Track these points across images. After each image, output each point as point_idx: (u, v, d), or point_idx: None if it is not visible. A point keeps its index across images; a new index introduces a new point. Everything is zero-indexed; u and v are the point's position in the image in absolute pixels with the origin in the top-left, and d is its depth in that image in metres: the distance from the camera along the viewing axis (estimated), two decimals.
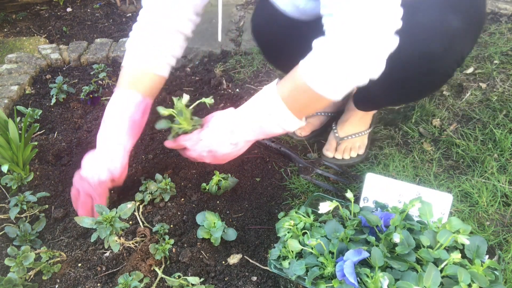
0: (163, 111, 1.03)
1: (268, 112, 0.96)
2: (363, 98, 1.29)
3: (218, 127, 1.03)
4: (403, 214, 0.93)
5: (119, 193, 1.26)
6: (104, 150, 1.11)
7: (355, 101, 1.32)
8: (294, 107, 0.93)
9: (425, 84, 1.12)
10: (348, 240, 0.90)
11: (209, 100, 1.07)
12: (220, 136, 1.02)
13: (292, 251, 0.91)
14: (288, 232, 0.96)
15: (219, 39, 1.19)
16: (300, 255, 0.92)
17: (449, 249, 0.87)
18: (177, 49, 1.17)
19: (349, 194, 0.95)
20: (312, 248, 0.88)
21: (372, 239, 0.87)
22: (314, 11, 1.08)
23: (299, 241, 0.92)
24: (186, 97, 1.05)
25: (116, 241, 0.98)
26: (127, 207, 0.98)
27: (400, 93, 1.19)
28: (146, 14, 1.12)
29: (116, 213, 0.97)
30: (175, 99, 1.05)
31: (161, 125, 1.05)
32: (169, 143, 1.09)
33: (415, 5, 0.97)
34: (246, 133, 1.01)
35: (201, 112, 1.62)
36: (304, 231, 0.95)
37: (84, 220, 0.97)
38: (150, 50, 1.12)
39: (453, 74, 1.12)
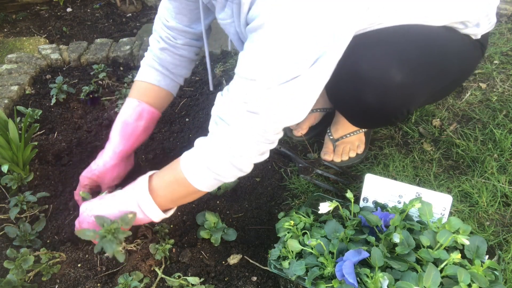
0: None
1: (133, 195, 0.98)
2: None
3: (94, 199, 1.05)
4: (403, 214, 0.93)
5: None
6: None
7: None
8: (169, 197, 0.98)
9: (369, 125, 1.17)
10: (348, 240, 0.90)
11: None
12: (88, 208, 1.03)
13: (292, 251, 0.91)
14: (288, 232, 0.96)
15: (211, 88, 1.21)
16: (300, 255, 0.92)
17: (449, 249, 0.87)
18: (183, 70, 1.26)
19: (349, 194, 0.95)
20: (312, 248, 0.88)
21: (372, 239, 0.87)
22: None
23: (299, 241, 0.92)
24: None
25: (121, 250, 0.97)
26: (129, 217, 0.97)
27: (357, 124, 1.23)
28: (154, 41, 1.22)
29: (119, 224, 0.96)
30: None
31: None
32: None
33: (361, 51, 0.95)
34: (107, 212, 0.99)
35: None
36: (304, 231, 0.95)
37: (86, 233, 0.96)
38: (158, 69, 1.21)
39: (399, 121, 1.09)
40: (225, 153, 0.89)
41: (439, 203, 0.97)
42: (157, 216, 0.99)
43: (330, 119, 1.43)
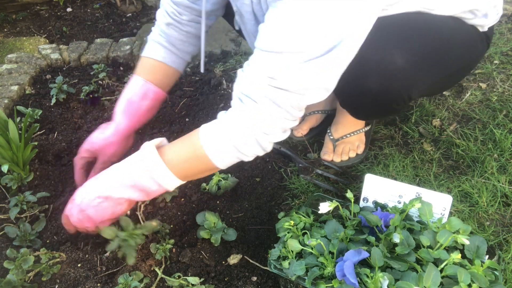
0: None
1: (145, 168, 0.93)
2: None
3: (88, 183, 0.99)
4: (403, 214, 0.93)
5: None
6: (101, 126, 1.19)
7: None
8: (184, 173, 0.94)
9: (373, 113, 1.16)
10: (348, 240, 0.90)
11: None
12: (90, 194, 0.96)
13: (292, 251, 0.91)
14: (288, 232, 0.96)
15: (202, 70, 1.19)
16: (300, 255, 0.92)
17: (449, 249, 0.87)
18: (190, 46, 1.25)
19: (349, 194, 0.95)
20: (312, 248, 0.88)
21: (372, 239, 0.87)
22: None
23: (299, 241, 0.92)
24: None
25: (134, 255, 0.98)
26: (152, 224, 0.98)
27: (355, 115, 1.21)
28: (161, 15, 1.21)
29: (141, 230, 0.97)
30: None
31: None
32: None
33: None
34: (116, 188, 0.94)
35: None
36: (304, 231, 0.95)
37: (107, 232, 0.95)
38: (165, 45, 1.21)
39: (401, 108, 1.08)
40: (252, 130, 0.86)
41: (439, 203, 0.97)
42: (173, 185, 0.96)
43: (331, 121, 1.43)
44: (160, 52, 1.21)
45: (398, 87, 1.00)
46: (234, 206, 1.25)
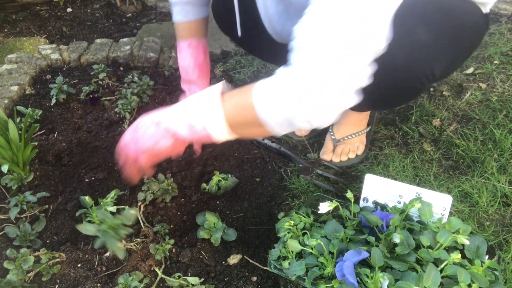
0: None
1: (202, 106, 0.88)
2: None
3: (151, 113, 0.95)
4: (403, 215, 0.93)
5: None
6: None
7: None
8: (230, 120, 0.87)
9: (394, 95, 1.12)
10: (348, 240, 0.90)
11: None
12: (147, 119, 0.93)
13: (292, 252, 0.91)
14: (288, 233, 0.96)
15: (239, 33, 1.24)
16: (300, 255, 0.92)
17: (449, 249, 0.87)
18: None
19: (349, 194, 0.95)
20: (312, 249, 0.88)
21: (372, 239, 0.87)
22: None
23: (299, 242, 0.92)
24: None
25: (121, 247, 0.97)
26: (130, 213, 0.97)
27: (372, 101, 1.17)
28: None
29: (121, 220, 0.96)
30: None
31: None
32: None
33: None
34: (167, 116, 0.91)
35: None
36: (304, 231, 0.95)
37: (87, 228, 0.96)
38: (196, 3, 1.25)
39: (423, 88, 1.07)
40: (315, 94, 0.75)
41: (439, 203, 0.97)
42: (218, 129, 0.88)
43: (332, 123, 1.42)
44: (194, 10, 1.25)
45: (424, 62, 1.00)
46: (234, 206, 1.25)
